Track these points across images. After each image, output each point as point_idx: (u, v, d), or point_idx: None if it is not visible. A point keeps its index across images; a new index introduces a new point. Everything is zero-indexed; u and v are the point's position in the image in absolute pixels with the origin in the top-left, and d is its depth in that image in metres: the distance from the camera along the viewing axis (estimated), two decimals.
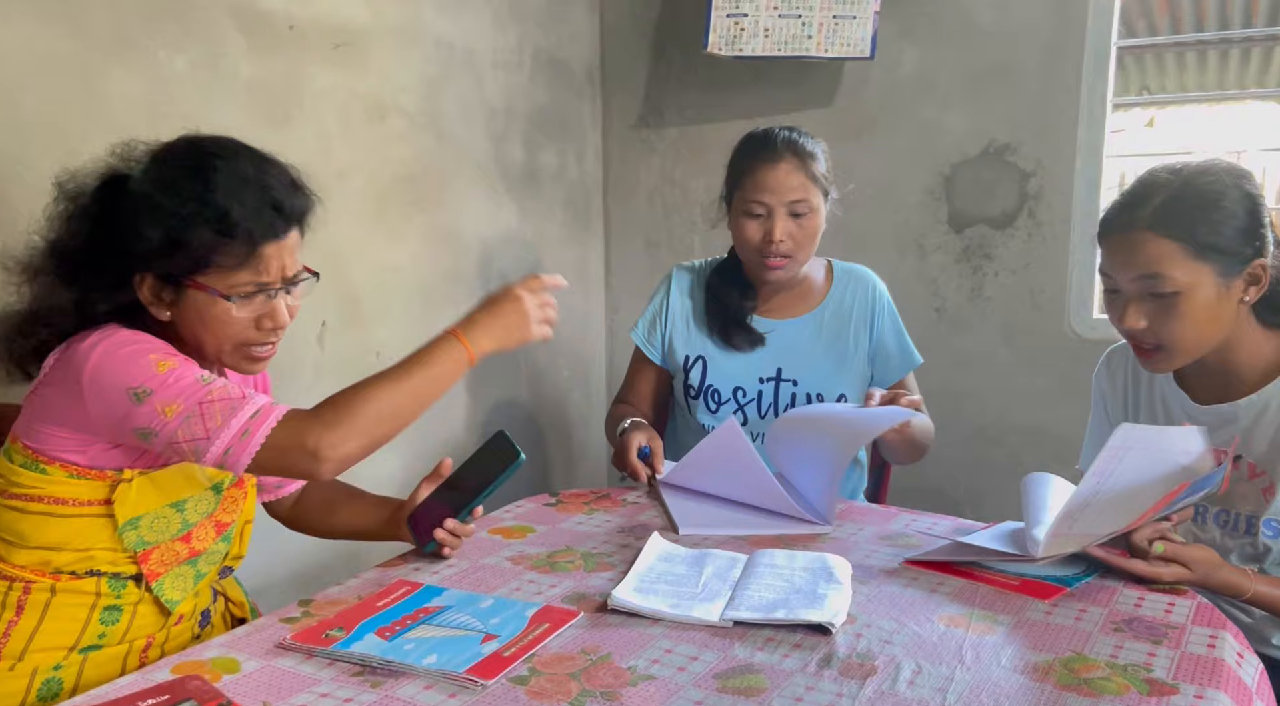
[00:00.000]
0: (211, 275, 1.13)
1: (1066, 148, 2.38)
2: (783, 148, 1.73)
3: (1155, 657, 1.05)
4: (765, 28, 2.52)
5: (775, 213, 1.71)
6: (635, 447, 1.67)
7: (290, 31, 1.92)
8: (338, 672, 1.02)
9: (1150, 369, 1.36)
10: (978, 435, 2.54)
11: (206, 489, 1.21)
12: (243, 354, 1.20)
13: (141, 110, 1.67)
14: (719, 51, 2.56)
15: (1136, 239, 1.26)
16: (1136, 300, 1.29)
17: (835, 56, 2.47)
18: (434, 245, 2.33)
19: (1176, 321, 1.26)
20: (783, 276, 1.77)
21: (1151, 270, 1.25)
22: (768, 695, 0.98)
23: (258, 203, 1.14)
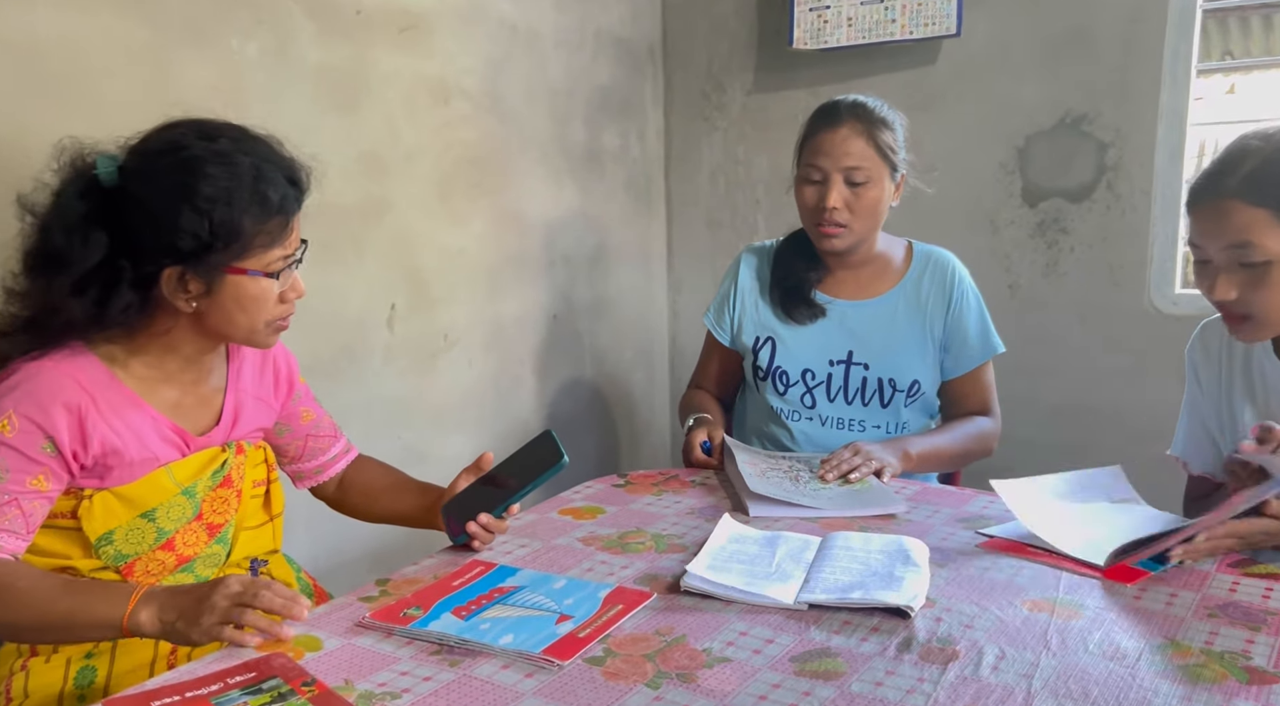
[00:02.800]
0: (251, 257, 1.12)
1: (1148, 116, 2.28)
2: (845, 113, 1.70)
3: (1254, 645, 1.01)
4: (848, 17, 2.48)
5: (830, 178, 1.68)
6: (696, 446, 1.68)
7: (357, 16, 1.93)
8: (416, 651, 1.03)
9: (1240, 339, 1.32)
10: (1053, 415, 2.47)
11: (177, 494, 1.18)
12: (272, 330, 1.21)
13: (214, 97, 1.69)
14: (805, 46, 2.53)
15: (1224, 207, 1.22)
16: (1226, 270, 1.25)
17: (922, 37, 2.41)
18: (498, 227, 2.33)
19: (1267, 290, 1.22)
20: (838, 245, 1.72)
21: (1240, 239, 1.21)
22: (846, 679, 0.96)
23: (278, 177, 1.14)
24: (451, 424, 2.25)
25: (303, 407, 1.40)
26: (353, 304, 1.98)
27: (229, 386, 1.28)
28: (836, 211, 1.68)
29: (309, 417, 1.41)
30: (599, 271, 2.71)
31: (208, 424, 1.25)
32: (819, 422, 1.79)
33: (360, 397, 2.01)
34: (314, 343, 1.90)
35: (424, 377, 2.16)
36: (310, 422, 1.41)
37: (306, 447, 1.42)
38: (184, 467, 1.19)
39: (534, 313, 2.48)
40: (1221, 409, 1.43)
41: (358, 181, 1.96)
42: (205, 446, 1.23)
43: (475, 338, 2.30)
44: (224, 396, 1.27)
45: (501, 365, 2.39)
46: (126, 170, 1.12)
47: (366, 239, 2.00)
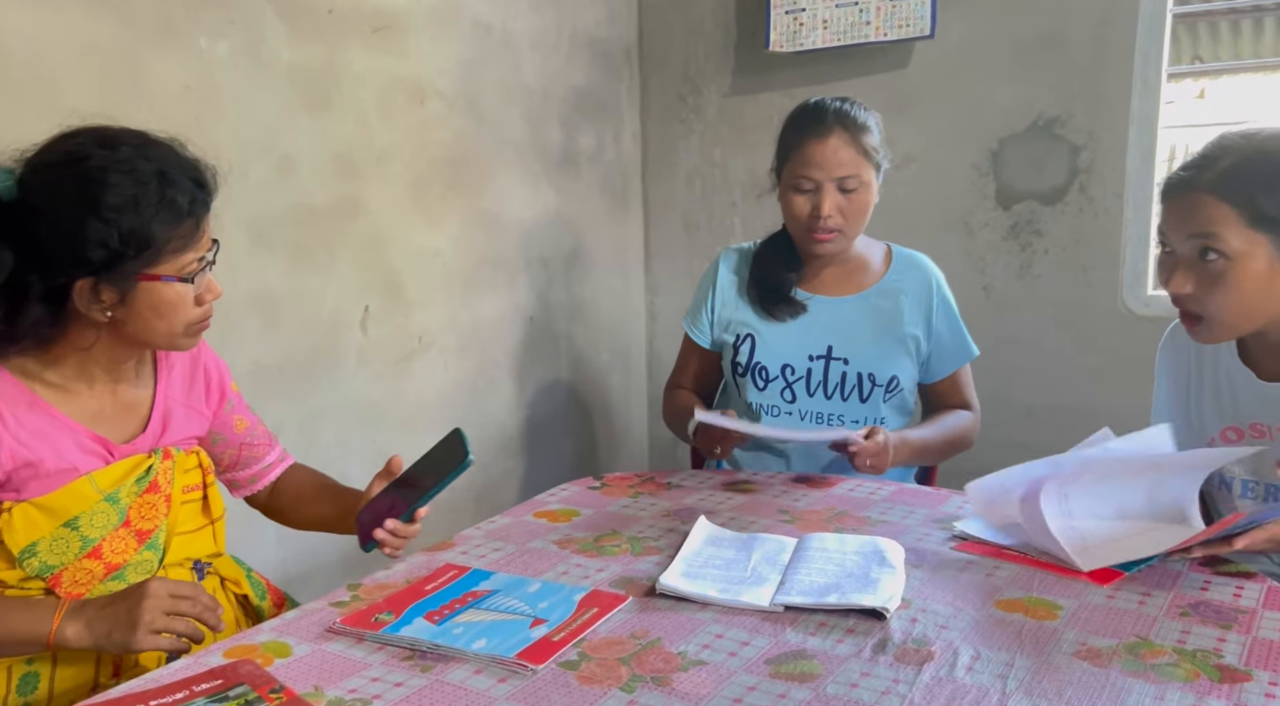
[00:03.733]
0: (164, 263, 1.11)
1: (1119, 120, 2.31)
2: (833, 121, 1.70)
3: (1225, 643, 1.01)
4: (823, 19, 2.49)
5: (824, 187, 1.69)
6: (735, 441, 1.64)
7: (330, 15, 1.91)
8: (388, 656, 1.02)
9: (1194, 339, 1.33)
10: (1028, 416, 2.48)
11: (99, 501, 1.15)
12: (190, 332, 1.19)
13: (184, 97, 1.67)
14: (781, 49, 2.54)
15: (1196, 200, 1.23)
16: (1186, 264, 1.25)
17: (896, 39, 2.43)
18: (473, 229, 2.32)
19: (1222, 291, 1.22)
20: (832, 249, 1.74)
21: (1206, 230, 1.21)
22: (822, 681, 0.96)
23: (185, 180, 1.12)
24: (426, 427, 2.23)
25: (236, 416, 1.38)
26: (325, 306, 1.96)
27: (157, 394, 1.26)
28: (831, 219, 1.69)
29: (243, 426, 1.39)
30: (576, 273, 2.70)
31: (133, 431, 1.23)
32: (798, 417, 1.79)
33: (333, 400, 1.99)
34: (286, 345, 1.89)
35: (398, 380, 2.14)
36: (244, 431, 1.39)
37: (241, 456, 1.39)
38: (106, 475, 1.17)
39: (510, 315, 2.47)
40: (1190, 410, 1.45)
41: (330, 182, 1.94)
42: (130, 454, 1.21)
43: (450, 340, 2.28)
44: (151, 404, 1.25)
45: (477, 367, 2.37)
46: (26, 184, 1.09)
47: (339, 240, 1.98)
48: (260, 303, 1.83)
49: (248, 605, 1.34)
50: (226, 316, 1.77)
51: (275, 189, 1.84)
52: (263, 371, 1.85)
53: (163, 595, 1.05)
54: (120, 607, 1.04)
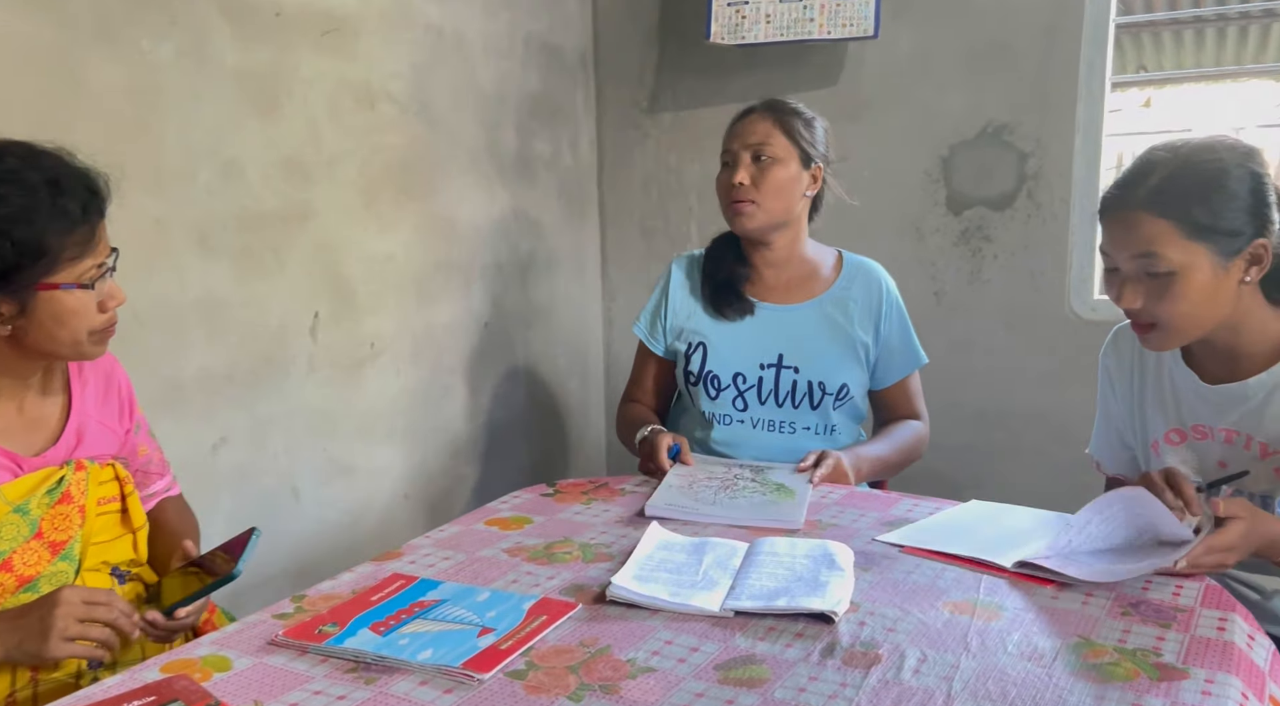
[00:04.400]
0: (62, 270, 1.10)
1: (1065, 127, 2.35)
2: (759, 105, 1.80)
3: (1164, 641, 1.03)
4: (766, 14, 2.50)
5: (738, 157, 1.75)
6: (666, 447, 1.65)
7: (277, 18, 1.88)
8: (331, 669, 1.00)
9: (1147, 347, 1.35)
10: (978, 419, 2.52)
11: (8, 513, 1.13)
12: (96, 339, 1.18)
13: (127, 100, 1.64)
14: (722, 41, 2.54)
15: (1132, 218, 1.25)
16: (1133, 279, 1.27)
17: (839, 37, 2.44)
18: (427, 234, 2.30)
19: (1171, 301, 1.24)
20: (749, 225, 1.76)
21: (1146, 249, 1.23)
22: (770, 686, 0.96)
23: (79, 187, 1.12)
24: (379, 434, 2.21)
25: (140, 443, 1.36)
26: (273, 312, 1.93)
27: (72, 407, 1.25)
28: (743, 187, 1.73)
29: (143, 452, 1.37)
30: (532, 279, 2.69)
31: (43, 445, 1.20)
32: (750, 426, 1.80)
33: (282, 408, 1.96)
34: (233, 352, 1.85)
35: (349, 387, 2.12)
36: (143, 459, 1.37)
37: (135, 481, 1.36)
38: (15, 487, 1.15)
39: (465, 320, 2.45)
40: (1134, 414, 1.47)
41: (278, 187, 1.92)
42: (41, 466, 1.18)
43: (403, 346, 2.25)
44: (64, 417, 1.24)
45: (431, 374, 2.35)
46: None
47: (288, 246, 1.95)
48: (207, 309, 1.80)
49: None
50: (174, 323, 1.74)
51: (222, 194, 1.81)
52: (210, 379, 1.81)
53: (76, 602, 1.04)
54: (32, 617, 1.04)
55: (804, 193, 1.78)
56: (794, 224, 1.80)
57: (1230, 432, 1.33)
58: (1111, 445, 1.54)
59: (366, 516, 2.18)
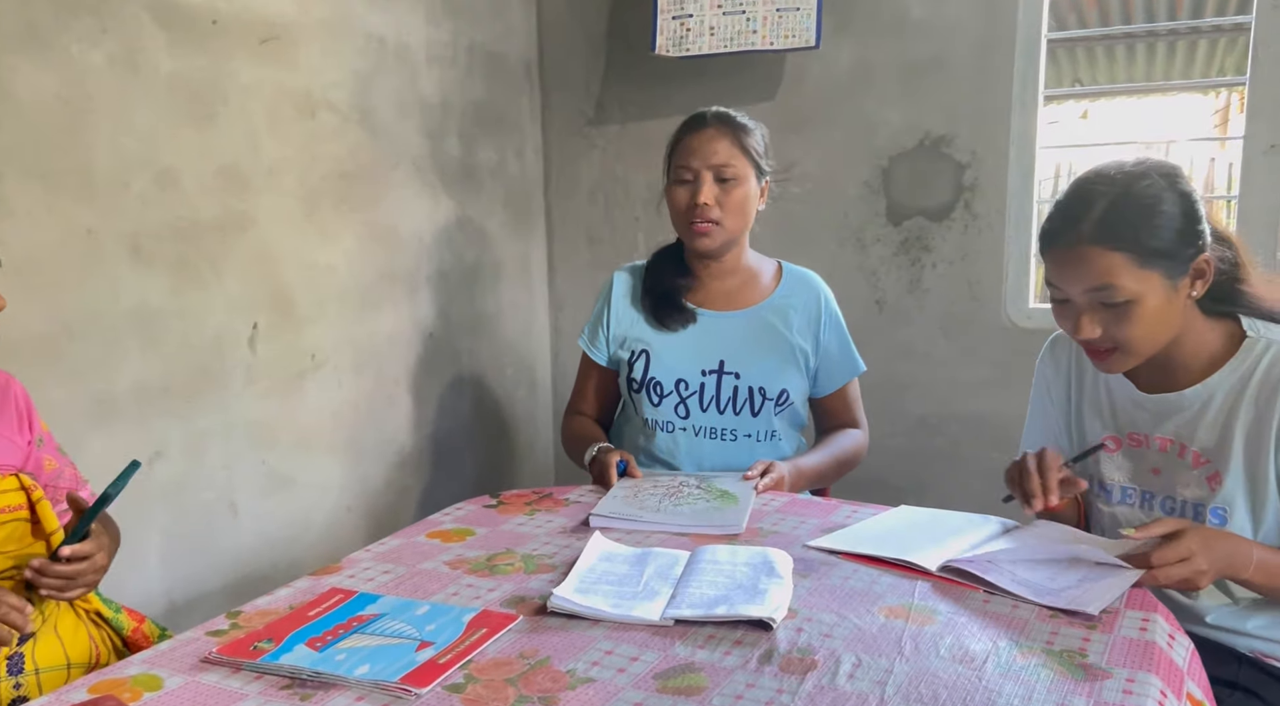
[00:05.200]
0: None
1: (1000, 140, 2.40)
2: (711, 118, 1.79)
3: (1090, 642, 1.06)
4: (710, 26, 2.52)
5: (701, 176, 1.75)
6: (614, 466, 1.66)
7: (214, 26, 1.86)
8: (266, 686, 0.99)
9: (1107, 371, 1.36)
10: (919, 425, 2.56)
11: None
12: None
13: (55, 106, 1.60)
14: (667, 53, 2.56)
15: (1083, 254, 1.25)
16: (1089, 310, 1.28)
17: (781, 48, 2.48)
18: (369, 244, 2.28)
19: (1131, 326, 1.26)
20: (710, 244, 1.77)
21: (1102, 282, 1.25)
22: (708, 694, 0.97)
23: None
24: (321, 446, 2.18)
25: (46, 456, 1.33)
26: (210, 323, 1.89)
27: None
28: (708, 208, 1.74)
29: (51, 466, 1.34)
30: (478, 288, 2.68)
31: None
32: (693, 433, 1.81)
33: (219, 421, 1.92)
34: (168, 363, 1.82)
35: (289, 399, 2.09)
36: (52, 473, 1.33)
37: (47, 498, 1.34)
38: None
39: (409, 331, 2.43)
40: (1071, 421, 1.50)
41: (216, 196, 1.89)
42: None
43: (345, 357, 2.23)
44: None
45: (375, 385, 2.33)
46: None
47: (225, 256, 1.92)
48: (141, 320, 1.76)
49: (102, 621, 1.29)
50: (106, 334, 1.70)
51: (156, 203, 1.77)
52: (145, 391, 1.78)
53: None
54: None
55: (758, 207, 1.81)
56: (744, 236, 1.83)
57: (1165, 441, 1.37)
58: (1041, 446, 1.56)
59: (308, 530, 2.15)
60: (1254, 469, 1.29)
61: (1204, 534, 1.21)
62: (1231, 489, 1.31)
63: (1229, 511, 1.31)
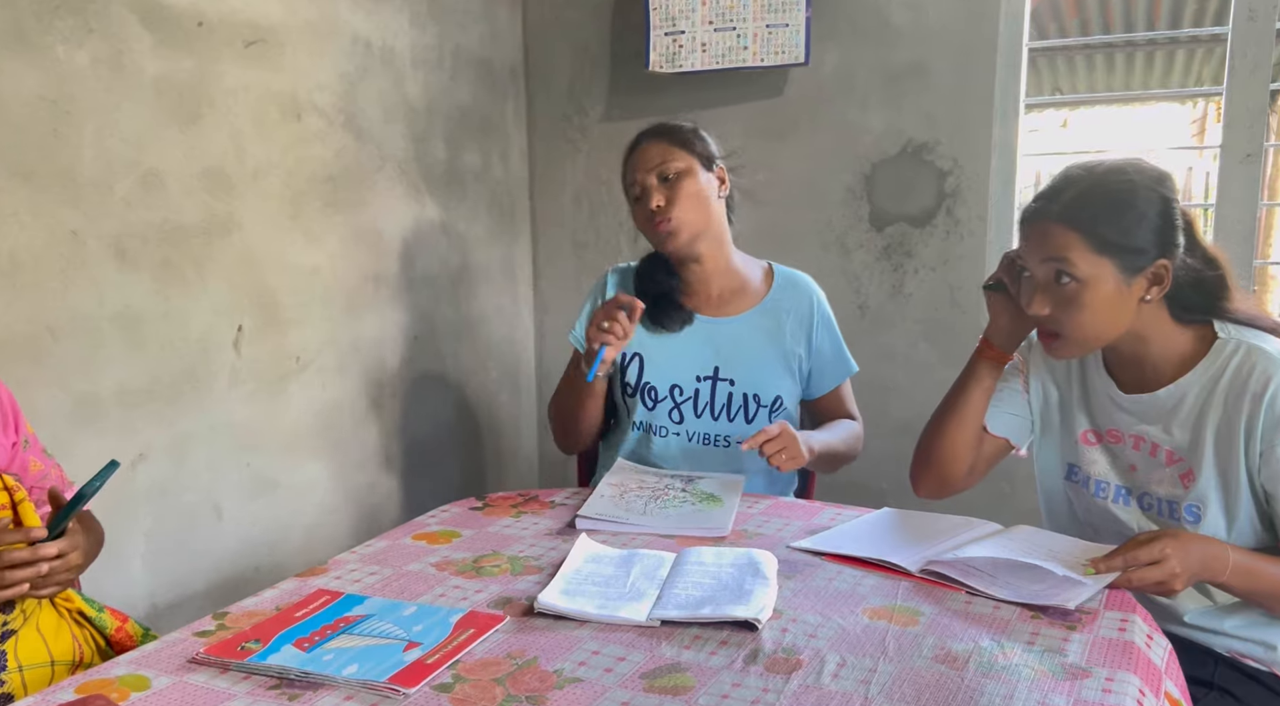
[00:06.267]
0: None
1: (982, 147, 2.43)
2: (648, 134, 1.83)
3: (1069, 642, 1.08)
4: (702, 42, 2.55)
5: (646, 184, 1.77)
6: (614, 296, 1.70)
7: (199, 28, 1.85)
8: (253, 686, 0.99)
9: (1051, 355, 1.41)
10: (902, 430, 2.56)
11: None
12: None
13: (39, 107, 1.60)
14: (660, 69, 2.58)
15: (1046, 228, 1.31)
16: (1044, 287, 1.33)
17: (771, 65, 2.51)
18: (354, 246, 2.28)
19: (1076, 310, 1.31)
20: (678, 242, 1.77)
21: (1057, 255, 1.30)
22: (694, 693, 0.98)
23: None
24: (305, 449, 2.17)
25: (31, 457, 1.33)
26: (194, 326, 1.89)
27: None
28: (661, 209, 1.75)
29: (37, 468, 1.33)
30: (462, 292, 2.68)
31: None
32: (686, 438, 1.82)
33: (203, 424, 1.92)
34: (152, 366, 1.81)
35: (274, 401, 2.08)
36: (38, 474, 1.33)
37: (32, 500, 1.34)
38: None
39: (393, 334, 2.43)
40: (1062, 411, 1.52)
41: (200, 198, 1.88)
42: None
43: (329, 360, 2.23)
44: None
45: (359, 387, 2.33)
46: None
47: (210, 258, 1.91)
48: (125, 322, 1.76)
49: (85, 621, 1.29)
50: (90, 336, 1.70)
51: (141, 205, 1.77)
52: (128, 393, 1.77)
53: None
54: None
55: (719, 195, 1.81)
56: (717, 230, 1.82)
57: (1139, 439, 1.40)
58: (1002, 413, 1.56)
59: (292, 533, 2.15)
60: (1225, 467, 1.32)
61: (1179, 538, 1.23)
62: (1204, 487, 1.33)
63: (1202, 509, 1.33)
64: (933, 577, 1.25)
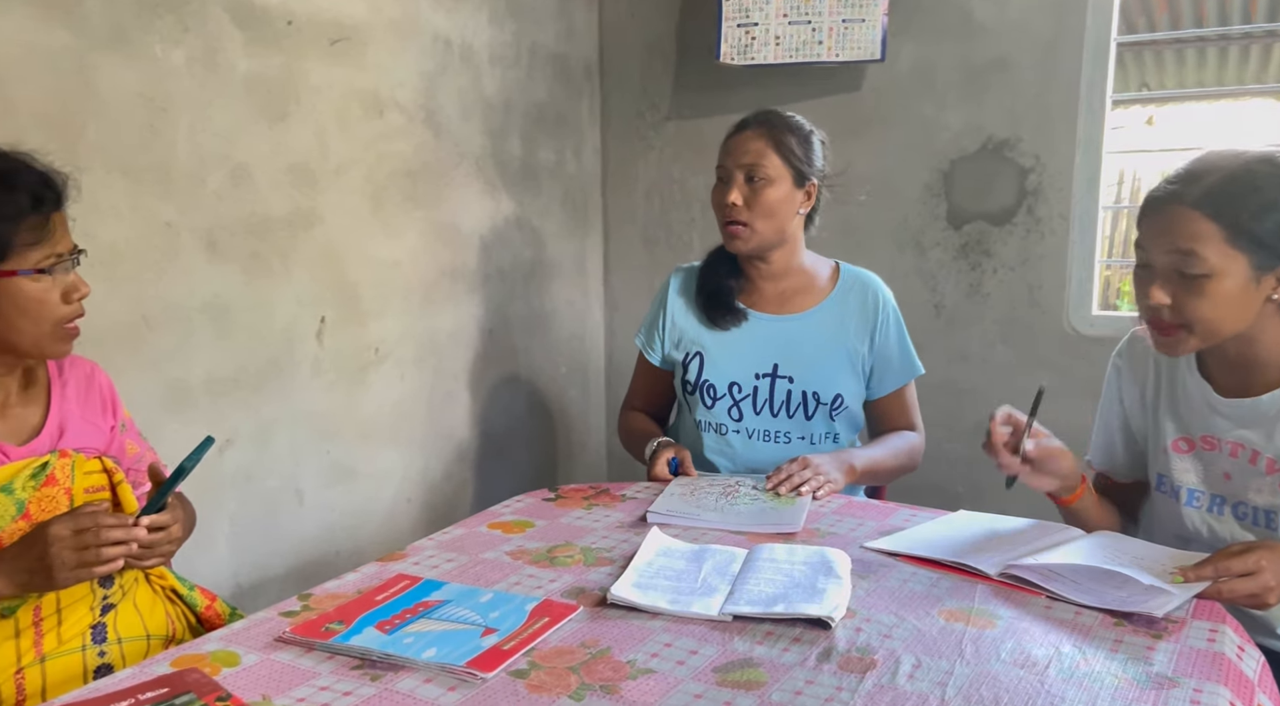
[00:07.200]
0: (15, 258, 1.15)
1: (1065, 144, 2.37)
2: (754, 119, 1.79)
3: (1155, 651, 1.05)
4: (776, 35, 2.53)
5: (732, 175, 1.75)
6: (664, 461, 1.70)
7: (288, 27, 1.91)
8: (337, 666, 1.02)
9: (1164, 350, 1.32)
10: (977, 431, 2.50)
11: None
12: (59, 334, 1.21)
13: (138, 104, 1.66)
14: (731, 61, 2.57)
15: (1178, 213, 1.23)
16: (1164, 277, 1.25)
17: (846, 60, 2.47)
18: (432, 241, 2.32)
19: (1201, 302, 1.23)
20: (741, 246, 1.77)
21: (1186, 246, 1.22)
22: (767, 688, 0.98)
23: (30, 180, 1.17)
24: (382, 438, 2.23)
25: (129, 441, 1.39)
26: (280, 316, 1.95)
27: (52, 404, 1.29)
28: (736, 208, 1.73)
29: (133, 451, 1.40)
30: (535, 286, 2.71)
31: (28, 438, 1.24)
32: (745, 436, 1.81)
33: (286, 411, 1.98)
34: (240, 355, 1.87)
35: (353, 391, 2.14)
36: (134, 457, 1.39)
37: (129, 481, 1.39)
38: (1, 472, 1.18)
39: (468, 327, 2.47)
40: (1147, 417, 1.47)
41: (286, 192, 1.94)
42: (26, 456, 1.22)
43: (407, 351, 2.28)
44: (46, 413, 1.28)
45: (434, 379, 2.37)
46: None
47: (295, 251, 1.97)
48: (214, 312, 1.82)
49: (177, 598, 1.35)
50: (181, 325, 1.76)
51: (230, 198, 1.83)
52: (217, 381, 1.83)
53: (65, 536, 1.09)
54: (29, 557, 1.10)
55: (797, 211, 1.78)
56: (789, 240, 1.81)
57: (1237, 446, 1.34)
58: (1109, 445, 1.54)
59: (369, 519, 2.20)
60: None
61: (1276, 550, 1.19)
62: None
63: None
64: (1011, 581, 1.23)
